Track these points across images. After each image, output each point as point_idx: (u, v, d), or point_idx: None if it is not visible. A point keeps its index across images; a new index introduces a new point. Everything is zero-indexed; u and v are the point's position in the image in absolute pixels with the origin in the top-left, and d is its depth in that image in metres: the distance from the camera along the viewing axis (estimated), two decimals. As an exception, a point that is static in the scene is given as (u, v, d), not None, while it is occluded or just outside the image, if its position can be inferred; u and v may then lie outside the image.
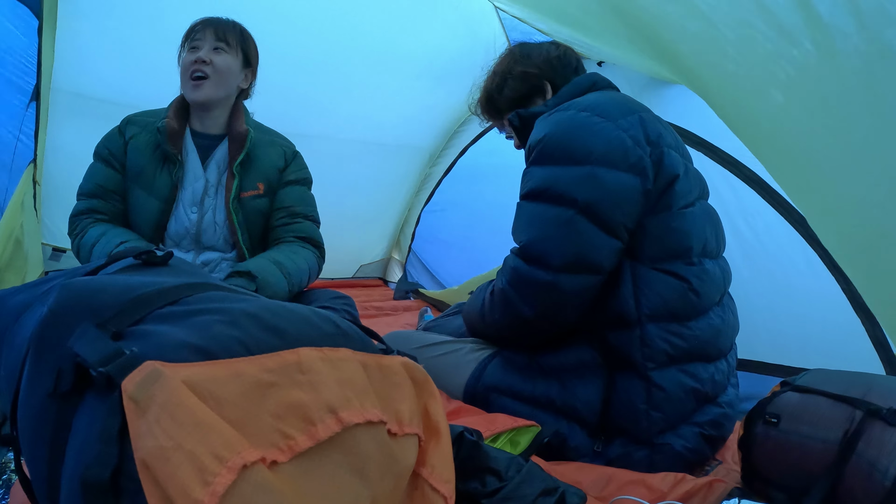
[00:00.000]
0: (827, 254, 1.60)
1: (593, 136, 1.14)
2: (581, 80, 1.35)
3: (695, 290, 1.18)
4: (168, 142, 1.51)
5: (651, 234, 1.17)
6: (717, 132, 1.84)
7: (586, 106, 1.20)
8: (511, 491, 0.88)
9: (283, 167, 1.66)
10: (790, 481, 1.00)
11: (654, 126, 1.21)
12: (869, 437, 0.93)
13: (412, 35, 2.49)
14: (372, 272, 3.42)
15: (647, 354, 1.15)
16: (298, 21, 2.27)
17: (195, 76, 1.49)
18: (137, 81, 2.19)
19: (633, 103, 1.27)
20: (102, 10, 2.02)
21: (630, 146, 1.15)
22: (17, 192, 1.78)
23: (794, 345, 1.68)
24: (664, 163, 1.18)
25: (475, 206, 3.01)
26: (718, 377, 1.23)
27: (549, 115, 1.23)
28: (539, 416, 1.21)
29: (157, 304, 0.61)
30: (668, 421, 1.15)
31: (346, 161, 2.88)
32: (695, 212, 1.24)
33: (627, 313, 1.16)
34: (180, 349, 0.52)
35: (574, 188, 1.13)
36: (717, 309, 1.26)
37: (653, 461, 1.14)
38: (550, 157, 1.17)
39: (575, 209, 1.12)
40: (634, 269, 1.17)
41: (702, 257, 1.23)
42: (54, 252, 2.33)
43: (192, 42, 1.51)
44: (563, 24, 1.95)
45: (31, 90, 1.88)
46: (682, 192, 1.20)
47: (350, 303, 1.45)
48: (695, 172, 1.32)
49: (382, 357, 0.61)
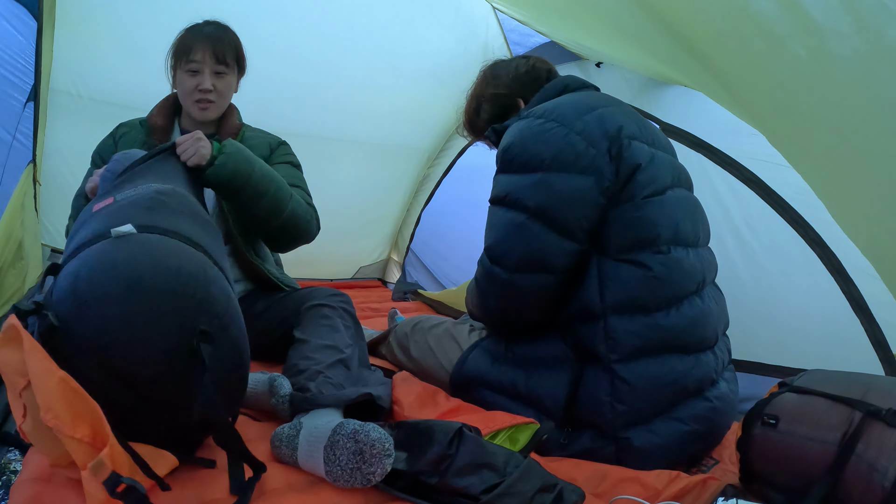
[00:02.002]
0: (827, 254, 1.60)
1: (545, 143, 1.20)
2: (549, 87, 1.39)
3: (659, 278, 1.18)
4: (152, 136, 1.54)
5: (615, 226, 1.20)
6: (717, 133, 1.84)
7: (543, 112, 1.25)
8: (509, 487, 0.88)
9: (268, 154, 1.66)
10: (789, 483, 1.00)
11: (613, 120, 1.23)
12: (868, 438, 0.93)
13: (411, 36, 2.50)
14: (371, 273, 3.42)
15: (611, 347, 1.17)
16: (298, 21, 2.28)
17: (201, 102, 1.53)
18: (138, 82, 2.18)
19: (597, 100, 1.29)
20: (103, 12, 2.03)
21: (581, 149, 1.18)
22: (16, 192, 1.78)
23: (793, 345, 1.68)
24: (623, 155, 1.21)
25: (475, 206, 2.99)
26: (701, 371, 1.22)
27: (513, 123, 1.30)
28: (512, 406, 1.25)
29: None
30: (635, 414, 1.15)
31: (344, 162, 2.88)
32: (664, 200, 1.25)
33: (593, 306, 1.19)
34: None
35: (526, 194, 1.20)
36: (695, 298, 1.26)
37: (619, 457, 1.14)
38: (510, 166, 1.25)
39: (527, 214, 1.20)
40: (600, 262, 1.20)
41: (672, 245, 1.23)
42: (53, 253, 2.33)
43: (191, 64, 1.51)
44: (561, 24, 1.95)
45: (29, 90, 1.88)
46: (645, 181, 1.22)
47: (346, 300, 1.45)
48: (667, 162, 1.33)
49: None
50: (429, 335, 1.50)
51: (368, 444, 0.89)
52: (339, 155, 2.84)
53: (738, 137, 1.75)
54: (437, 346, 1.46)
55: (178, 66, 1.54)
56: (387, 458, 0.89)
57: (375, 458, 0.89)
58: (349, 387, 1.18)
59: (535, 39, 2.38)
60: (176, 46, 1.55)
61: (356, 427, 0.92)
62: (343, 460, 0.90)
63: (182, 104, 1.59)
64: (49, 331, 0.79)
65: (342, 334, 1.32)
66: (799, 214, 1.66)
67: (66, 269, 0.86)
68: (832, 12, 0.82)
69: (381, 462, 0.89)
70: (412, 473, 0.92)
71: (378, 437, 0.90)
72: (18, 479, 0.87)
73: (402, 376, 1.42)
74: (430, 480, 0.91)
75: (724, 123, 1.42)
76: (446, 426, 0.98)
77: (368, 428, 0.91)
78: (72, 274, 0.84)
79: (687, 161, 1.86)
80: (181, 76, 1.54)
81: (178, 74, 1.55)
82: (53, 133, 2.13)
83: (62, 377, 0.74)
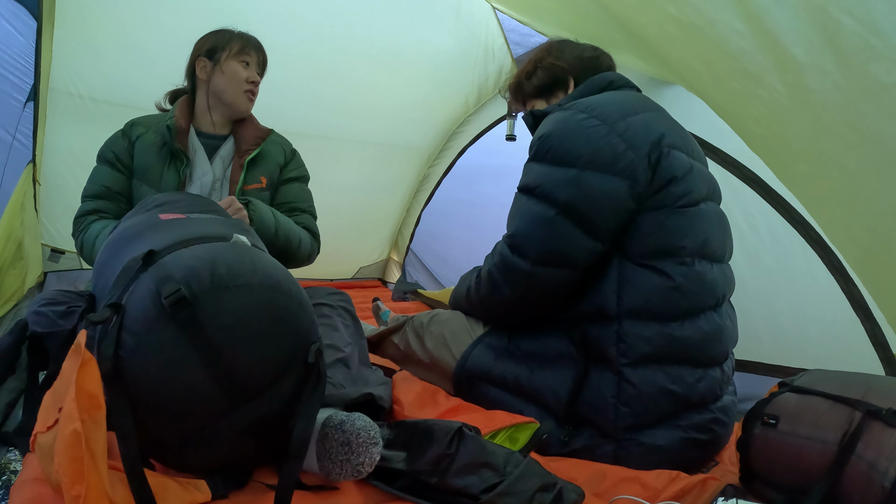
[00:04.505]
0: (827, 254, 1.60)
1: (585, 139, 1.19)
2: (596, 79, 1.37)
3: (679, 289, 1.17)
4: (176, 140, 1.58)
5: (642, 231, 1.19)
6: (718, 133, 1.84)
7: (587, 107, 1.23)
8: (509, 486, 0.88)
9: (283, 164, 1.76)
10: (789, 482, 0.99)
11: (656, 126, 1.23)
12: (868, 437, 0.92)
13: (411, 36, 2.50)
14: (371, 273, 3.42)
15: (622, 350, 1.16)
16: (298, 21, 2.28)
17: (250, 93, 1.65)
18: (137, 82, 2.18)
19: (641, 104, 1.28)
20: (103, 12, 2.03)
21: (621, 151, 1.17)
22: (16, 191, 1.78)
23: (794, 345, 1.68)
24: (662, 163, 1.19)
25: (475, 206, 3.01)
26: (708, 385, 1.20)
27: (554, 112, 1.28)
28: (515, 403, 1.26)
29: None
30: (638, 418, 1.15)
31: (344, 162, 2.88)
32: (698, 212, 1.24)
33: (608, 308, 1.18)
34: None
35: (559, 189, 1.19)
36: (712, 314, 1.24)
37: (618, 457, 1.14)
38: (545, 157, 1.23)
39: (557, 209, 1.19)
40: (622, 265, 1.20)
41: (698, 258, 1.22)
42: (53, 253, 2.33)
43: (246, 56, 1.63)
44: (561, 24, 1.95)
45: (29, 90, 1.88)
46: (680, 191, 1.21)
47: (346, 298, 1.46)
48: (705, 174, 1.32)
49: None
50: (445, 327, 1.48)
51: (354, 433, 0.88)
52: (340, 155, 2.84)
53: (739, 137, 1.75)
54: (452, 339, 1.43)
55: (226, 57, 1.61)
56: (374, 447, 0.88)
57: (363, 448, 0.88)
58: (349, 386, 1.18)
59: (535, 39, 2.37)
60: (219, 40, 1.62)
61: (343, 418, 0.91)
62: (333, 453, 0.89)
63: (221, 95, 1.63)
64: (179, 303, 0.77)
65: (342, 333, 1.32)
66: (800, 214, 1.66)
67: (188, 254, 0.85)
68: (814, 49, 0.83)
69: (369, 451, 0.88)
70: (412, 473, 0.92)
71: (363, 426, 0.89)
72: (18, 479, 0.87)
73: (402, 376, 1.42)
74: (429, 480, 0.91)
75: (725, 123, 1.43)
76: (446, 426, 0.97)
77: (354, 417, 0.90)
78: (204, 260, 0.83)
79: (687, 161, 1.87)
80: (232, 65, 1.61)
81: (224, 65, 1.61)
82: (53, 133, 2.13)
83: (75, 430, 0.71)
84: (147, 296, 0.80)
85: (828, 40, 0.81)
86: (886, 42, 0.76)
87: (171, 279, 0.80)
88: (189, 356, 0.78)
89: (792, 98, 0.91)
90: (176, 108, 1.64)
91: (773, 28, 0.86)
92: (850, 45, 0.79)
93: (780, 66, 0.89)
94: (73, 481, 0.69)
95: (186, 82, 1.70)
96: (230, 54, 1.61)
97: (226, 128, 1.70)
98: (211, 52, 1.62)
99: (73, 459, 0.70)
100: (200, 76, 1.64)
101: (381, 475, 0.93)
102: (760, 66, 0.92)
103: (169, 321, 0.78)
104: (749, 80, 0.97)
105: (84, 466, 0.69)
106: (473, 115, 2.97)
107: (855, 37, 0.77)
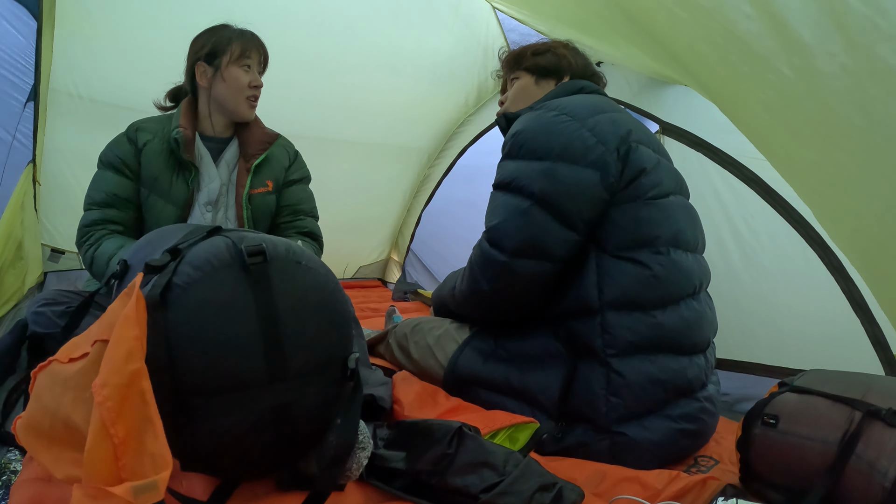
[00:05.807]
0: (827, 254, 1.60)
1: (556, 134, 1.24)
2: (567, 84, 1.44)
3: (657, 277, 1.21)
4: (184, 150, 1.54)
5: (617, 224, 1.23)
6: (718, 133, 1.84)
7: (557, 105, 1.29)
8: (508, 486, 0.88)
9: (287, 166, 1.76)
10: (789, 482, 0.99)
11: (623, 123, 1.28)
12: (868, 437, 0.92)
13: (411, 36, 2.50)
14: (371, 273, 3.42)
15: (608, 341, 1.18)
16: (297, 21, 2.28)
17: (252, 99, 1.61)
18: (137, 83, 2.18)
19: (609, 105, 1.34)
20: (103, 12, 2.03)
21: (591, 144, 1.22)
22: (16, 191, 1.79)
23: (793, 345, 1.68)
24: (631, 157, 1.24)
25: (475, 206, 3.00)
26: (693, 372, 1.24)
27: (525, 113, 1.33)
28: (507, 403, 1.27)
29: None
30: (629, 408, 1.17)
31: (345, 162, 2.88)
32: (668, 203, 1.28)
33: (590, 301, 1.21)
34: None
35: (533, 181, 1.23)
36: (692, 302, 1.28)
37: (613, 452, 1.15)
38: (518, 153, 1.28)
39: (532, 200, 1.22)
40: (599, 259, 1.23)
41: (672, 247, 1.25)
42: (53, 253, 2.33)
43: (247, 60, 1.58)
44: (561, 23, 1.95)
45: (29, 90, 1.89)
46: (649, 184, 1.25)
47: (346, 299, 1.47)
48: (671, 169, 1.37)
49: None
50: (429, 336, 1.51)
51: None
52: (340, 155, 2.84)
53: (739, 137, 1.73)
54: (436, 346, 1.46)
55: (227, 63, 1.56)
56: (361, 451, 0.89)
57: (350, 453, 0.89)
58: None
59: (535, 39, 2.37)
60: (218, 43, 1.57)
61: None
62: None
63: (223, 103, 1.60)
64: (258, 255, 0.78)
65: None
66: (799, 214, 1.66)
67: (254, 236, 0.85)
68: (821, 31, 0.83)
69: (355, 455, 0.88)
70: (412, 473, 0.92)
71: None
72: (18, 479, 0.87)
73: (401, 376, 1.42)
74: (429, 480, 0.91)
75: (725, 123, 1.42)
76: (446, 425, 0.98)
77: None
78: (275, 239, 0.84)
79: (687, 161, 1.87)
80: (234, 72, 1.57)
81: (225, 72, 1.56)
82: (53, 133, 2.13)
83: (139, 370, 0.66)
84: (221, 245, 0.79)
85: (835, 22, 0.80)
86: (892, 22, 0.75)
87: (245, 240, 0.81)
88: (248, 306, 0.76)
89: (800, 81, 0.91)
90: (180, 115, 1.58)
91: (780, 10, 0.86)
92: (856, 27, 0.79)
93: (787, 48, 0.88)
94: (115, 421, 0.64)
95: (186, 84, 1.66)
96: (231, 59, 1.56)
97: (229, 130, 1.67)
98: (210, 57, 1.57)
99: (125, 398, 0.65)
100: (201, 83, 1.59)
101: (380, 475, 0.93)
102: (769, 49, 0.91)
103: (241, 268, 0.77)
104: (758, 64, 0.96)
105: (132, 406, 0.65)
106: (473, 115, 2.97)
107: (862, 18, 0.77)
